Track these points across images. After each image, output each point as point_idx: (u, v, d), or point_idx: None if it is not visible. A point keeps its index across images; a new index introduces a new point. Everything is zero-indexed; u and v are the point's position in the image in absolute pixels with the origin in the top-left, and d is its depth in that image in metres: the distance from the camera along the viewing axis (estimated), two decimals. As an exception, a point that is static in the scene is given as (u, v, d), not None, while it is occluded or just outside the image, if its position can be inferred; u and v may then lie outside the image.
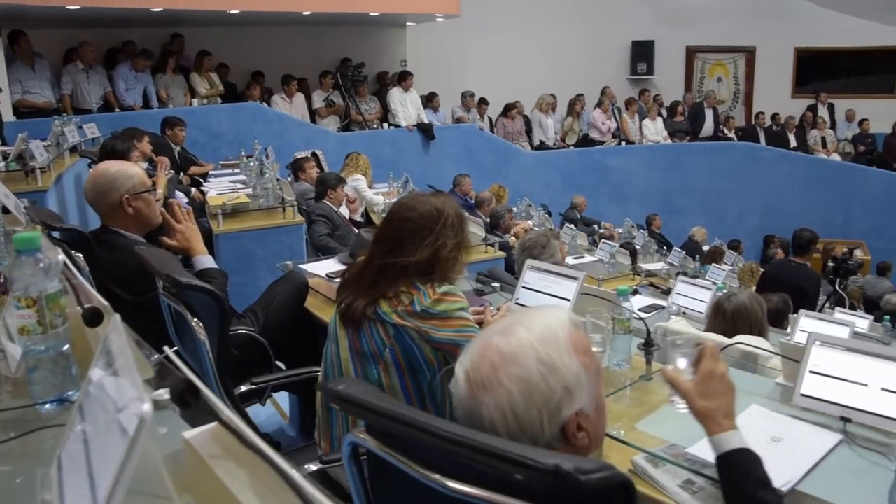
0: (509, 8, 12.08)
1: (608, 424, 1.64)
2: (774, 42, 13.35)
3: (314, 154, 8.55)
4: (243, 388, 2.66)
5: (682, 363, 1.68)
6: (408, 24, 11.49)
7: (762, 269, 7.30)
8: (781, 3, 13.10)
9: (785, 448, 1.96)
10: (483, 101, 11.49)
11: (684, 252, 8.36)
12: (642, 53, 13.24)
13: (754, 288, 6.13)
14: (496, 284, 3.32)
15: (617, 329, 2.35)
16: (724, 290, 3.80)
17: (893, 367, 2.06)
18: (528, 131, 11.82)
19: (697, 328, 3.21)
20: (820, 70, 13.71)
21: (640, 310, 4.29)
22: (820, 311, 6.02)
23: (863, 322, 5.50)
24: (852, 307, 7.97)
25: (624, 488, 0.97)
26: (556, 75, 12.31)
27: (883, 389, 2.05)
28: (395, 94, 10.49)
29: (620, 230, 9.48)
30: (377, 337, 2.15)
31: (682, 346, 1.77)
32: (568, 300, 2.67)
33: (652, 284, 6.37)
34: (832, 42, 13.18)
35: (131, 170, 2.97)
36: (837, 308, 6.26)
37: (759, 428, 2.06)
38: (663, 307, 4.37)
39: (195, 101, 9.25)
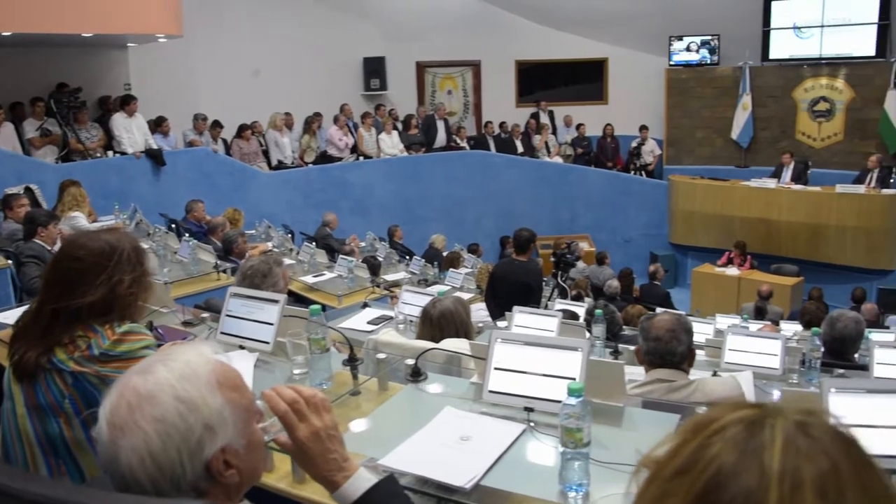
0: (237, 27, 11.85)
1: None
2: (497, 56, 14.19)
3: (28, 189, 7.85)
4: None
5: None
6: (129, 45, 10.90)
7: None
8: (501, 20, 13.94)
9: (472, 446, 2.06)
10: (217, 124, 11.15)
11: (424, 260, 8.62)
12: (374, 69, 13.50)
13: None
14: (206, 315, 3.22)
15: (313, 349, 2.36)
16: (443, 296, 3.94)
17: (566, 354, 2.24)
18: (266, 151, 11.65)
19: (411, 336, 3.31)
20: (539, 80, 14.76)
21: (368, 322, 4.39)
22: (545, 305, 6.45)
23: (580, 310, 5.95)
24: (579, 297, 8.63)
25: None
26: (291, 94, 12.22)
27: (558, 377, 2.22)
28: (119, 120, 9.86)
29: (364, 243, 9.61)
30: (54, 388, 1.99)
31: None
32: (271, 324, 2.64)
33: (392, 295, 6.51)
34: (548, 55, 14.26)
35: None
36: (559, 299, 6.72)
37: (450, 429, 2.15)
38: (392, 318, 4.47)
39: None
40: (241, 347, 2.73)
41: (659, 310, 7.37)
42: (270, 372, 2.61)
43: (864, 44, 12.21)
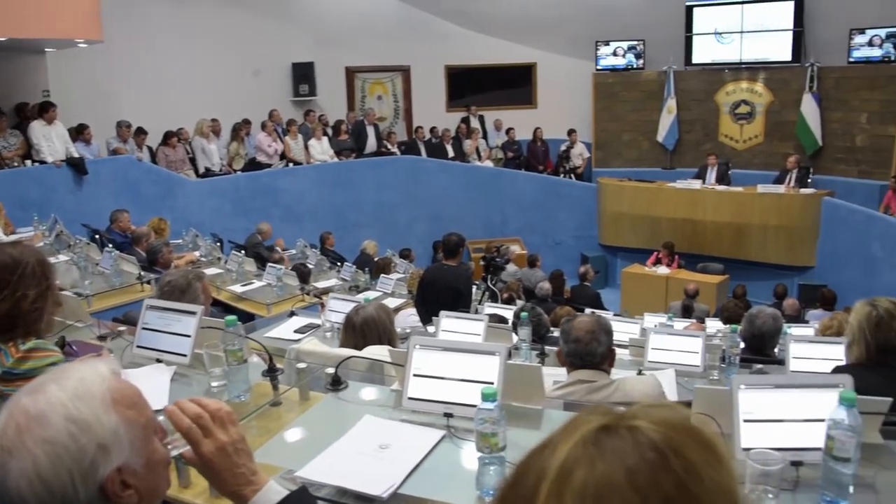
0: (161, 33, 11.59)
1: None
2: (426, 61, 14.24)
3: (-60, 201, 7.57)
4: None
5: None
6: (47, 50, 10.57)
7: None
8: (430, 25, 13.99)
9: (391, 454, 2.04)
10: (141, 131, 10.89)
11: (355, 266, 8.57)
12: (303, 75, 13.38)
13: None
14: (123, 328, 3.14)
15: (230, 360, 2.32)
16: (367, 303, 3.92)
17: (484, 359, 2.25)
18: (193, 159, 11.43)
19: (335, 344, 3.28)
20: (469, 85, 14.86)
21: (295, 331, 4.34)
22: (476, 309, 6.47)
23: (510, 313, 5.98)
24: (510, 299, 8.68)
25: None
26: (218, 100, 12.04)
27: (476, 381, 2.23)
28: (38, 128, 9.53)
29: (294, 251, 9.51)
30: (-46, 409, 1.92)
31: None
32: (189, 336, 2.59)
33: (322, 303, 6.45)
34: (477, 59, 14.36)
35: None
36: (489, 303, 6.75)
37: (368, 438, 2.14)
38: (319, 326, 4.42)
39: None
40: (159, 361, 2.68)
41: (587, 310, 7.47)
42: (188, 385, 2.56)
43: (780, 49, 12.62)
